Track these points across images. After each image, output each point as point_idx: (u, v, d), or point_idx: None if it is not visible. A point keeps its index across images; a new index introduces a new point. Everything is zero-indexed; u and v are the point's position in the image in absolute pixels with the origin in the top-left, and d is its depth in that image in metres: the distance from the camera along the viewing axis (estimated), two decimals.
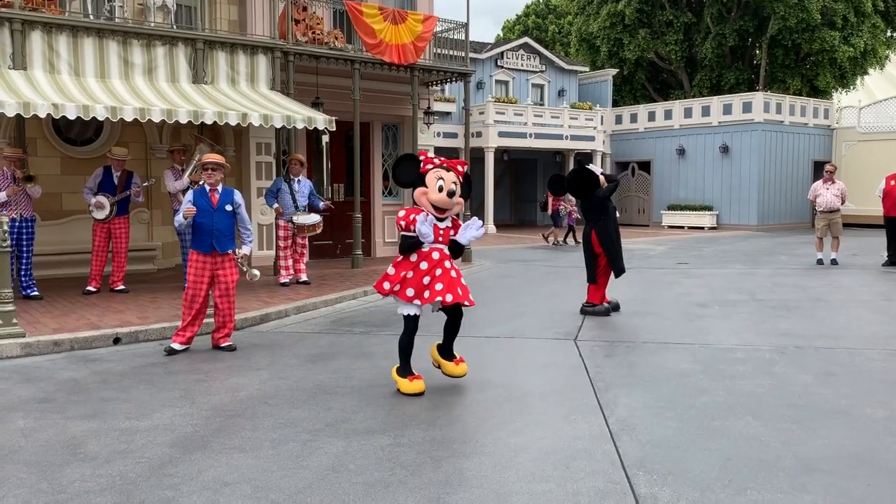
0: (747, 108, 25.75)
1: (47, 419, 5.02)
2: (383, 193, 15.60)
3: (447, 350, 5.82)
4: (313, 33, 12.70)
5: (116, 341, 7.44)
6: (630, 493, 3.80)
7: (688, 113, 27.50)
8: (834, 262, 14.08)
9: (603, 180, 8.98)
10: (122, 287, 10.09)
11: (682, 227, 26.32)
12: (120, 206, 10.09)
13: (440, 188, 5.43)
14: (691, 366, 6.46)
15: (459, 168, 5.58)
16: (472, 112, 23.41)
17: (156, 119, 9.30)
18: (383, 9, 12.92)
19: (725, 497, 3.76)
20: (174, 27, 11.50)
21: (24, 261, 9.41)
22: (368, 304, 9.95)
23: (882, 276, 12.64)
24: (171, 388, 5.80)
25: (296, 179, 10.93)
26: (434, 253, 5.51)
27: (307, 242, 11.43)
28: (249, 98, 10.94)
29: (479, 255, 15.92)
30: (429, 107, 16.11)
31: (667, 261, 15.50)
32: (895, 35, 31.82)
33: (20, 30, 9.59)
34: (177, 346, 7.06)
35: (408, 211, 5.45)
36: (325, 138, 12.51)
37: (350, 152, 13.58)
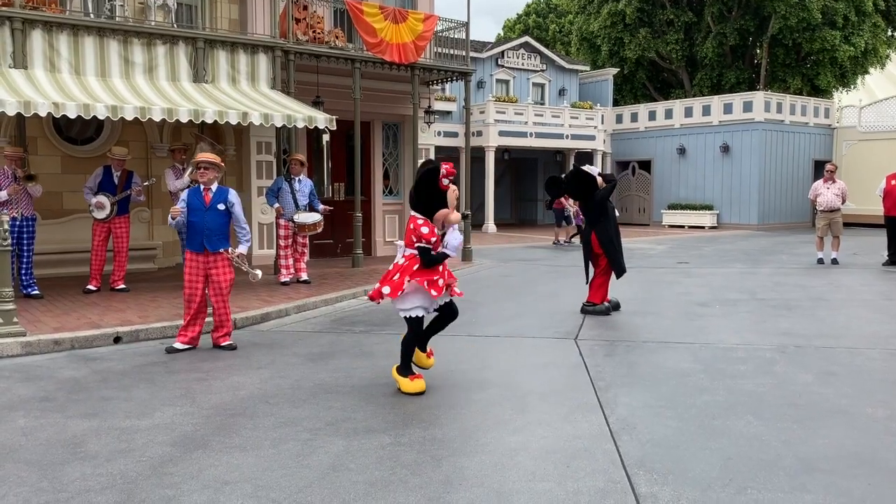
0: (748, 108, 25.74)
1: (48, 418, 5.03)
2: (384, 193, 15.60)
3: (423, 342, 5.88)
4: (314, 32, 12.70)
5: (117, 340, 7.45)
6: (630, 493, 3.81)
7: (688, 112, 27.48)
8: (834, 262, 14.08)
9: (600, 181, 8.94)
10: (123, 286, 10.09)
11: (683, 227, 26.32)
12: (120, 206, 10.09)
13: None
14: (692, 365, 6.46)
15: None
16: (473, 111, 23.45)
17: (156, 118, 9.30)
18: (384, 8, 12.91)
19: (726, 496, 3.76)
20: (175, 26, 11.50)
21: (25, 260, 9.42)
22: (369, 304, 9.91)
23: (882, 276, 12.64)
24: (172, 387, 5.80)
25: (296, 179, 10.93)
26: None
27: (308, 241, 11.42)
28: (250, 97, 10.94)
29: (480, 255, 15.91)
30: (429, 106, 16.11)
31: (667, 260, 15.50)
32: None
33: (21, 29, 9.60)
34: (178, 346, 7.07)
35: (430, 227, 5.46)
36: (326, 137, 12.52)
37: (350, 151, 13.58)
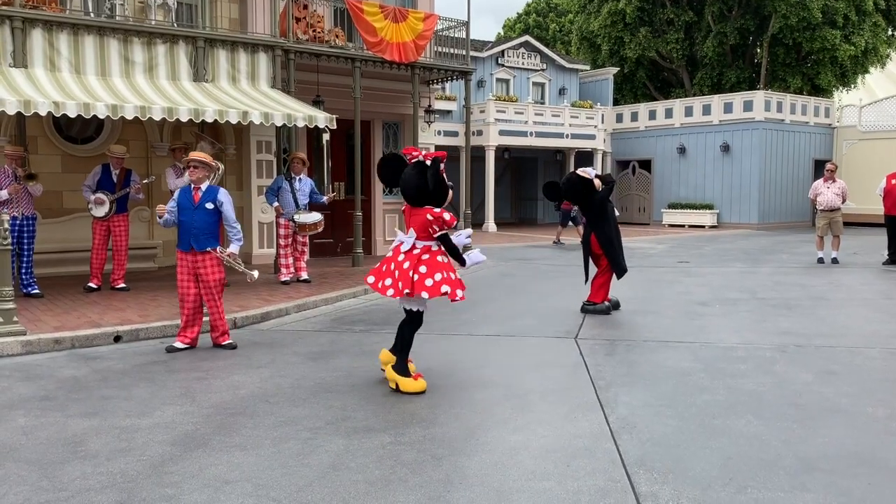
0: (748, 107, 25.72)
1: (48, 417, 5.03)
2: (384, 192, 15.58)
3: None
4: (314, 31, 12.70)
5: (117, 339, 7.45)
6: (630, 492, 3.81)
7: (688, 111, 27.46)
8: (835, 261, 14.08)
9: (598, 183, 8.88)
10: (123, 285, 10.10)
11: (683, 226, 26.30)
12: (119, 204, 10.09)
13: None
14: (692, 364, 6.46)
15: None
16: (473, 110, 23.44)
17: (156, 117, 9.30)
18: (384, 7, 12.91)
19: (726, 495, 3.76)
20: (175, 25, 11.49)
21: (25, 259, 9.42)
22: (369, 303, 9.95)
23: (883, 275, 12.64)
24: (172, 387, 5.80)
25: (297, 178, 10.93)
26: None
27: (308, 241, 11.42)
28: (250, 96, 10.94)
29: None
30: (430, 105, 16.11)
31: (667, 259, 15.50)
32: None
33: (21, 28, 9.59)
34: (178, 345, 7.07)
35: (450, 213, 5.59)
36: (326, 136, 12.52)
37: (351, 151, 13.57)
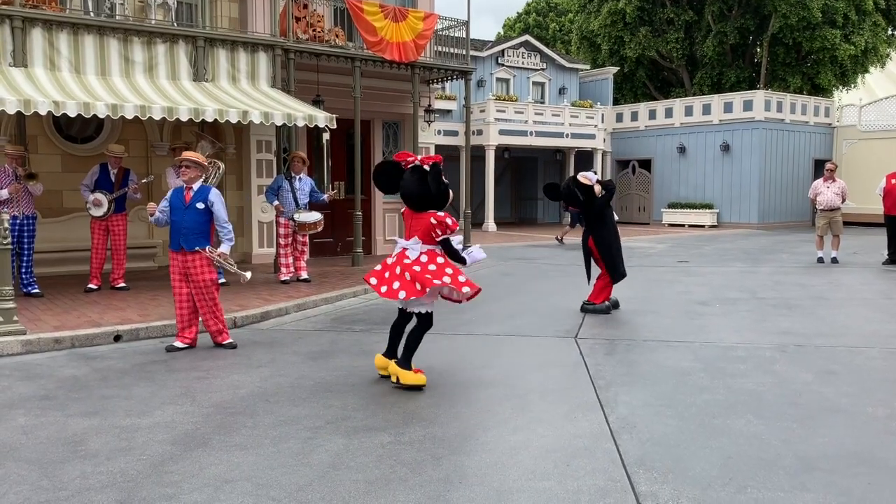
0: (748, 107, 25.71)
1: (48, 416, 5.03)
2: None
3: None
4: (314, 31, 12.70)
5: (117, 339, 7.45)
6: (630, 492, 3.81)
7: (688, 111, 27.46)
8: (834, 261, 14.08)
9: (598, 189, 8.84)
10: (123, 284, 10.10)
11: (683, 226, 26.30)
12: (117, 204, 10.09)
13: None
14: (692, 364, 6.46)
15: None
16: (473, 110, 23.44)
17: (156, 117, 9.30)
18: (384, 6, 12.91)
19: (726, 495, 3.76)
20: (175, 25, 11.49)
21: (25, 258, 9.42)
22: (369, 302, 9.95)
23: (883, 275, 12.64)
24: (172, 386, 5.80)
25: (297, 177, 10.92)
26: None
27: (308, 240, 11.42)
28: (250, 96, 10.94)
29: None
30: (429, 105, 16.11)
31: (667, 259, 15.49)
32: None
33: (21, 27, 9.60)
34: (178, 344, 7.07)
35: (452, 217, 5.68)
36: (326, 136, 12.52)
37: (351, 150, 13.57)
